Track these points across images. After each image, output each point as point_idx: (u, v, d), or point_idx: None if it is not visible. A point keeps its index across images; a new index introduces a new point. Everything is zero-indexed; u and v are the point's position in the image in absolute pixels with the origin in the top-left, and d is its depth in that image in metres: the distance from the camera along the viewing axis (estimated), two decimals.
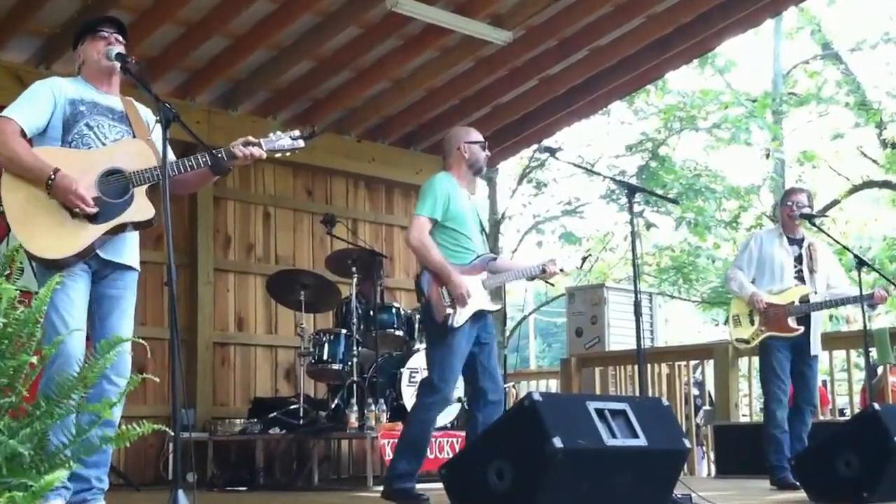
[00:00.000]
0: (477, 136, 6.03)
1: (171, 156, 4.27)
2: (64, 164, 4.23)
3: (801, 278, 7.17)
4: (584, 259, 6.61)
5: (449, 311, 5.58)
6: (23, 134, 4.29)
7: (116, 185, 4.30)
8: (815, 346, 7.18)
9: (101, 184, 4.28)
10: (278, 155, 4.60)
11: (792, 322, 7.03)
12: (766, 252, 7.21)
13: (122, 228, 4.35)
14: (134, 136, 4.50)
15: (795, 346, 7.10)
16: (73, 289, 4.19)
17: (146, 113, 4.64)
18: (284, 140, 4.57)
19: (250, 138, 4.49)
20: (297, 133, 4.62)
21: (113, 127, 4.46)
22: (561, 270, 6.13)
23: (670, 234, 20.83)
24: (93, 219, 4.24)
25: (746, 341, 7.17)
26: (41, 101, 4.36)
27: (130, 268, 4.50)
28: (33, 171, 4.20)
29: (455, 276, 5.60)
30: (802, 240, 7.30)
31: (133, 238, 4.50)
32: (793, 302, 7.05)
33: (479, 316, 5.72)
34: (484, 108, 10.31)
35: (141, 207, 4.34)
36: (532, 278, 6.18)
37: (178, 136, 4.48)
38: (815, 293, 7.13)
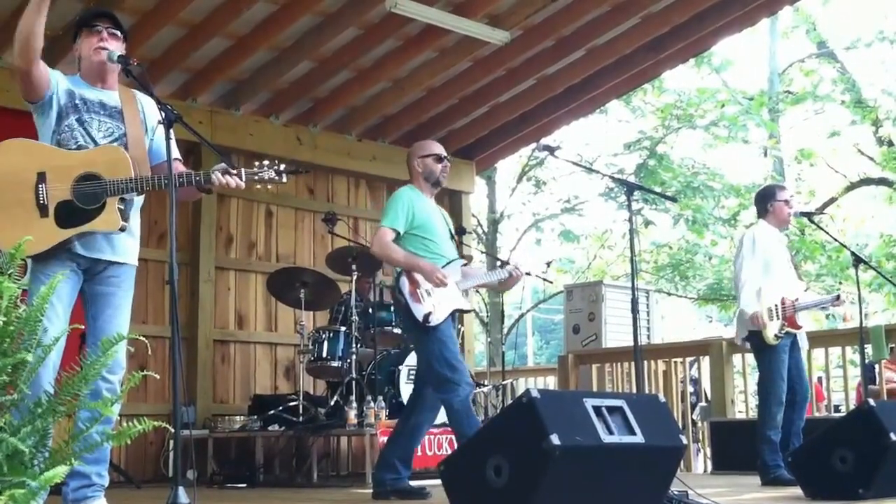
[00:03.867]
0: (430, 149, 6.33)
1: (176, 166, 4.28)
2: (46, 161, 4.23)
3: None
4: (549, 264, 6.76)
5: (429, 309, 5.78)
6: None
7: (91, 190, 4.25)
8: (804, 342, 7.27)
9: (77, 188, 4.24)
10: (259, 186, 4.46)
11: (798, 318, 7.08)
12: (770, 251, 7.16)
13: (86, 235, 4.29)
14: (125, 133, 4.43)
15: (791, 343, 7.15)
16: (57, 293, 3.96)
17: (148, 105, 4.58)
18: (267, 173, 4.43)
19: (229, 169, 4.39)
20: (283, 167, 4.48)
21: (103, 122, 4.41)
22: (527, 274, 6.34)
23: (668, 231, 20.88)
24: (61, 223, 4.20)
25: (779, 336, 7.00)
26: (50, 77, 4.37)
27: (125, 263, 4.45)
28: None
29: (424, 262, 5.89)
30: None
31: (126, 234, 4.42)
32: (797, 298, 7.08)
33: (454, 315, 5.97)
34: (482, 107, 10.37)
35: (109, 218, 4.27)
36: (500, 283, 6.39)
37: (182, 135, 4.51)
38: (807, 290, 7.17)
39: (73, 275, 4.26)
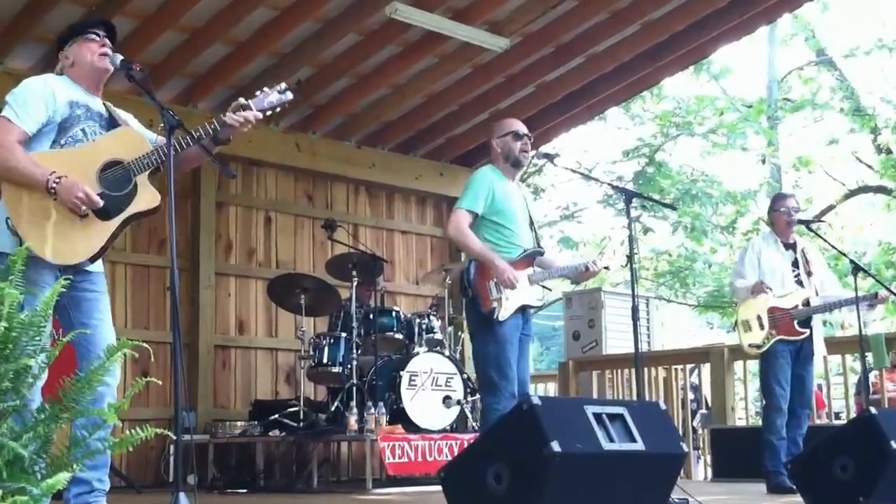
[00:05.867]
0: (509, 127, 5.92)
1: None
2: (61, 165, 4.16)
3: (799, 282, 7.18)
4: (629, 258, 6.34)
5: (494, 304, 5.50)
6: (23, 140, 4.20)
7: (117, 176, 4.23)
8: (820, 349, 7.22)
9: (103, 178, 4.22)
10: (269, 112, 4.55)
11: (798, 326, 7.06)
12: (765, 258, 7.16)
13: (132, 219, 4.29)
14: None
15: (797, 351, 7.12)
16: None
17: (129, 117, 4.58)
18: (272, 96, 4.52)
19: (241, 100, 4.46)
20: (283, 86, 4.56)
21: (102, 134, 4.38)
22: (606, 268, 6.00)
23: (667, 238, 20.88)
24: (102, 216, 4.18)
25: (758, 346, 7.02)
26: (38, 102, 4.24)
27: (97, 271, 4.41)
28: (33, 177, 4.10)
29: (499, 260, 5.51)
30: (795, 244, 7.32)
31: None
32: (796, 306, 7.06)
33: (523, 310, 5.65)
34: (482, 114, 10.36)
35: (147, 196, 4.28)
36: (576, 275, 6.00)
37: None
38: (816, 296, 7.15)
39: (54, 282, 4.22)
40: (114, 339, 4.16)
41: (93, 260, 4.24)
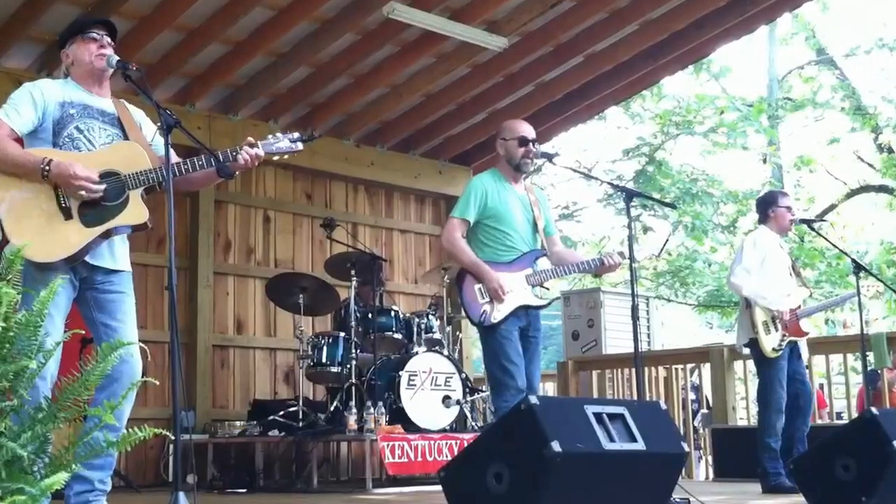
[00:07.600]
0: (515, 132, 5.84)
1: (173, 158, 4.27)
2: None
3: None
4: (662, 249, 6.24)
5: (485, 308, 5.52)
6: (14, 137, 4.21)
7: (112, 187, 4.23)
8: (805, 350, 7.22)
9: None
10: (276, 158, 4.57)
11: (803, 325, 7.01)
12: (770, 256, 7.06)
13: (115, 231, 4.28)
14: (126, 139, 4.42)
15: (790, 351, 7.08)
16: (53, 302, 3.83)
17: (139, 115, 4.57)
18: (283, 142, 4.54)
19: (251, 140, 4.46)
20: (295, 135, 4.59)
21: (104, 130, 4.38)
22: (630, 259, 5.82)
23: (666, 237, 20.86)
24: (87, 222, 4.18)
25: (778, 349, 6.92)
26: (28, 105, 4.26)
27: (121, 271, 4.41)
28: (26, 165, 4.12)
29: (487, 272, 5.54)
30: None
31: (122, 240, 4.41)
32: (799, 306, 7.02)
33: (522, 311, 5.63)
34: (481, 113, 10.35)
35: (135, 210, 4.27)
36: (589, 272, 5.99)
37: (181, 140, 4.48)
38: (811, 296, 7.11)
39: (69, 284, 4.20)
40: (135, 342, 4.15)
41: (70, 262, 4.19)
